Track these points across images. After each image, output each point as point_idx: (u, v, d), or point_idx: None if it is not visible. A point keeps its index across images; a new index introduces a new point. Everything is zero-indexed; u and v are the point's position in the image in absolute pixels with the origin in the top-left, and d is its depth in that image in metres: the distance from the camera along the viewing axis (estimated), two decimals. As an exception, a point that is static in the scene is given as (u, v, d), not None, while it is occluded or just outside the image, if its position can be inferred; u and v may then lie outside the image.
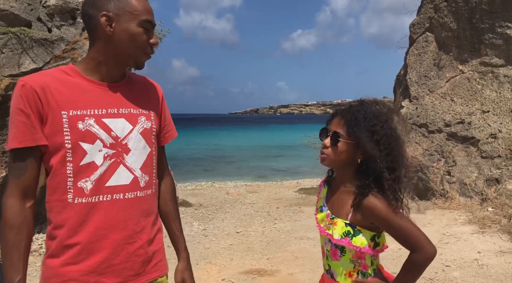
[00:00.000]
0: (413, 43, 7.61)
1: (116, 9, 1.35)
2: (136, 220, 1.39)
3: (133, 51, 1.37)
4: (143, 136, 1.42)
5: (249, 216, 6.91)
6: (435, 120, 6.95)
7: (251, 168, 19.95)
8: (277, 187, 11.14)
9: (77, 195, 1.30)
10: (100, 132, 1.33)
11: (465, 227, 5.35)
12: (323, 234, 1.51)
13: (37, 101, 1.28)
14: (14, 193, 1.30)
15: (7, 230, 1.28)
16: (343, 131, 1.46)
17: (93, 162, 1.32)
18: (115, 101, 1.39)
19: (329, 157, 1.48)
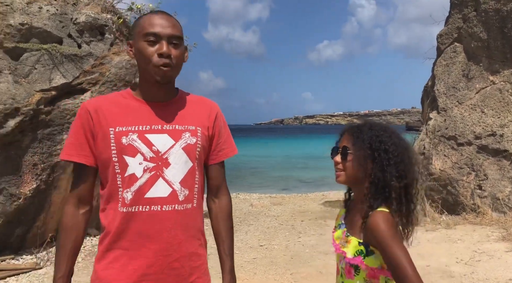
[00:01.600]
0: (440, 54, 7.45)
1: (134, 34, 1.51)
2: (173, 233, 1.44)
3: (145, 66, 1.45)
4: (186, 151, 1.48)
5: (273, 229, 6.86)
6: (464, 133, 6.75)
7: (276, 179, 19.86)
8: (302, 199, 11.02)
9: (122, 204, 1.42)
10: (141, 147, 1.43)
11: (499, 244, 5.14)
12: (338, 252, 1.49)
13: (90, 120, 1.45)
14: (70, 200, 1.47)
15: (62, 232, 1.46)
16: (350, 145, 1.46)
17: (133, 174, 1.42)
18: (161, 119, 1.48)
19: (342, 173, 1.48)
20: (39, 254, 5.02)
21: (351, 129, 1.51)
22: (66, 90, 5.25)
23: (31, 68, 5.08)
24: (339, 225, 1.57)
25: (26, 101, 4.84)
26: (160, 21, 1.45)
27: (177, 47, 1.47)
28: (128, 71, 5.64)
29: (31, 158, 4.93)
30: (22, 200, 4.85)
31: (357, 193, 1.52)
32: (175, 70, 1.48)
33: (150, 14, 1.50)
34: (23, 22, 5.12)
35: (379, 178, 1.41)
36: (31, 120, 4.89)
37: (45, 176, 5.03)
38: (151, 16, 1.48)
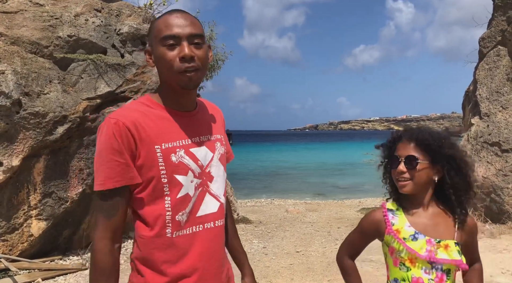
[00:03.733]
0: (483, 58, 7.23)
1: (151, 40, 1.34)
2: (221, 246, 1.40)
3: (168, 73, 1.29)
4: (221, 162, 1.42)
5: (309, 235, 6.84)
6: (509, 139, 6.51)
7: (311, 185, 19.73)
8: (337, 206, 10.92)
9: (175, 229, 1.29)
10: (190, 163, 1.31)
11: (547, 255, 4.92)
12: (428, 261, 1.47)
13: (130, 137, 1.25)
14: (105, 235, 1.26)
15: (98, 275, 1.25)
16: (417, 154, 1.50)
17: (187, 194, 1.30)
18: (195, 130, 1.37)
19: (409, 182, 1.51)
20: (85, 255, 5.24)
21: (411, 138, 1.53)
22: (110, 98, 5.50)
23: (78, 78, 5.36)
24: (413, 236, 1.51)
25: (74, 109, 5.09)
26: (176, 20, 1.28)
27: (199, 47, 1.29)
28: (168, 79, 5.84)
29: (78, 163, 5.19)
30: (69, 203, 5.10)
31: (422, 198, 1.55)
32: (200, 73, 1.31)
33: (167, 14, 1.32)
34: (71, 34, 5.41)
35: (458, 183, 1.51)
36: (78, 127, 5.14)
37: (90, 181, 5.26)
38: (166, 17, 1.31)
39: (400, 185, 1.52)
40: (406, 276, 1.50)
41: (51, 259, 5.13)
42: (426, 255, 1.46)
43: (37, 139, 4.82)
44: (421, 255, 1.46)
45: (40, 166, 4.94)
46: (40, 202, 4.93)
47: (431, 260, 1.46)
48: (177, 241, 1.29)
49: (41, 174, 4.95)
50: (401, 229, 1.53)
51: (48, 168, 4.98)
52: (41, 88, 4.95)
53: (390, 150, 1.59)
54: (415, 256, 1.47)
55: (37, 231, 4.95)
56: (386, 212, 1.59)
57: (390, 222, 1.56)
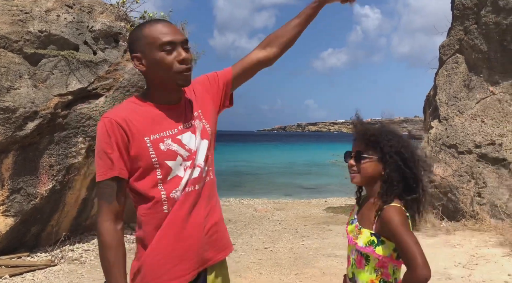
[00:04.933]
0: (442, 65, 7.66)
1: (141, 47, 1.52)
2: (204, 203, 1.58)
3: (166, 75, 1.49)
4: (203, 136, 1.59)
5: (277, 233, 7.03)
6: (464, 141, 6.94)
7: (279, 185, 20.02)
8: (304, 205, 11.20)
9: (171, 205, 1.50)
10: (178, 149, 1.51)
11: (496, 249, 5.31)
12: (351, 243, 1.68)
13: (122, 132, 1.46)
14: (108, 217, 1.46)
15: (107, 251, 1.45)
16: (363, 149, 1.66)
17: (177, 175, 1.51)
18: (181, 119, 1.56)
19: (357, 174, 1.67)
20: (53, 252, 5.22)
21: (362, 135, 1.69)
22: (82, 95, 5.49)
23: (49, 74, 5.32)
24: (352, 220, 1.75)
25: (45, 105, 5.07)
26: (169, 29, 1.50)
27: (188, 50, 1.53)
28: (141, 77, 5.86)
29: (48, 159, 5.16)
30: (38, 199, 5.06)
31: (369, 191, 1.71)
32: (191, 72, 1.55)
33: (154, 24, 1.52)
34: (42, 29, 5.36)
35: (392, 177, 1.60)
36: (49, 123, 5.12)
37: (60, 177, 5.24)
38: (157, 26, 1.50)
39: (350, 177, 1.69)
40: (347, 252, 1.73)
41: (18, 255, 5.08)
42: (350, 237, 1.69)
43: (6, 135, 4.77)
44: (349, 237, 1.70)
45: (9, 162, 4.89)
46: (8, 198, 4.88)
47: (349, 243, 1.69)
48: (171, 215, 1.49)
49: (10, 169, 4.90)
50: (352, 213, 1.79)
51: (17, 164, 4.93)
52: (11, 83, 4.90)
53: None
54: (347, 237, 1.72)
55: (4, 228, 4.90)
56: (358, 200, 1.81)
57: (354, 208, 1.81)
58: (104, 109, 5.42)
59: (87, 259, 5.25)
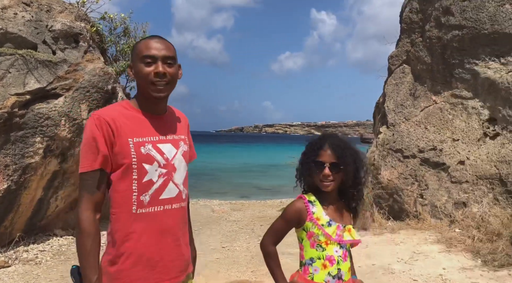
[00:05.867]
0: (391, 74, 8.19)
1: (132, 57, 1.73)
2: (181, 226, 1.74)
3: (143, 84, 1.66)
4: (183, 157, 1.77)
5: (234, 233, 7.25)
6: (410, 146, 7.47)
7: (235, 186, 20.22)
8: (260, 206, 11.49)
9: (139, 207, 1.62)
10: (156, 155, 1.65)
11: (434, 246, 5.80)
12: (338, 242, 1.90)
13: (109, 130, 1.59)
14: (88, 207, 1.58)
15: (85, 238, 1.55)
16: (339, 161, 1.90)
17: (151, 180, 1.64)
18: (163, 130, 1.72)
19: (333, 183, 1.91)
20: (7, 253, 5.14)
21: (333, 146, 1.92)
22: (40, 94, 5.44)
23: (5, 72, 5.25)
24: (327, 222, 1.91)
25: (1, 104, 4.99)
26: (155, 44, 1.66)
27: (171, 66, 1.67)
28: (101, 78, 5.89)
29: (3, 159, 5.08)
30: (-8, 199, 4.98)
31: (333, 193, 1.97)
32: (170, 86, 1.70)
33: (147, 39, 1.70)
34: (-1, 27, 5.28)
35: (359, 183, 1.96)
36: (5, 123, 5.05)
37: (16, 177, 5.18)
38: (148, 40, 1.68)
39: (324, 185, 1.90)
40: (321, 255, 1.88)
41: (-30, 257, 4.97)
42: (337, 238, 1.89)
43: (-41, 134, 4.67)
44: (333, 238, 1.89)
45: (-38, 161, 4.78)
46: (-40, 199, 4.77)
47: (340, 241, 1.90)
48: (140, 217, 1.62)
49: (-37, 169, 4.79)
50: (320, 217, 1.90)
51: (-29, 164, 4.83)
52: (-34, 81, 4.80)
53: (313, 156, 1.94)
54: (330, 239, 1.88)
55: (-45, 229, 4.78)
56: (307, 202, 1.94)
57: (311, 211, 1.91)
58: (64, 109, 5.41)
59: (43, 259, 5.22)
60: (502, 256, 5.05)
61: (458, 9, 7.03)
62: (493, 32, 6.66)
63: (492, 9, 6.69)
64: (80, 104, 5.59)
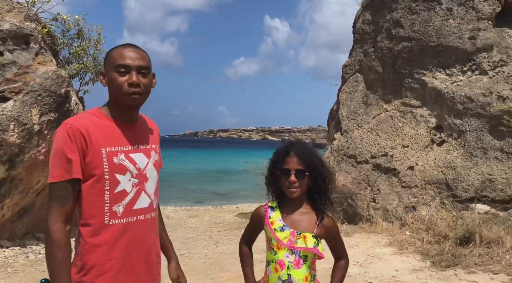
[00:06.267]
0: (345, 82, 8.47)
1: (105, 65, 1.69)
2: (153, 235, 1.74)
3: (117, 94, 1.64)
4: (155, 167, 1.76)
5: (191, 239, 7.17)
6: (362, 152, 7.75)
7: (190, 192, 19.98)
8: (217, 212, 11.45)
9: (112, 217, 1.60)
10: (129, 165, 1.64)
11: (386, 248, 6.05)
12: (289, 247, 1.92)
13: (82, 139, 1.55)
14: (59, 218, 1.54)
15: (57, 250, 1.51)
16: (304, 168, 1.94)
17: (124, 190, 1.62)
18: (135, 139, 1.70)
19: (299, 189, 1.94)
20: None
21: (300, 155, 1.96)
22: (-14, 98, 5.15)
23: None
24: (280, 227, 1.97)
25: None
26: (130, 53, 1.63)
27: (145, 76, 1.65)
28: (54, 81, 5.66)
29: None
30: None
31: (298, 200, 1.99)
32: (144, 96, 1.68)
33: (121, 47, 1.66)
34: None
35: (324, 190, 1.99)
36: None
37: (-42, 186, 4.85)
38: (121, 49, 1.65)
39: (291, 192, 1.95)
40: (274, 258, 1.95)
41: None
42: (288, 243, 1.93)
43: None
44: (284, 243, 1.93)
45: None
46: None
47: (290, 247, 1.93)
48: (113, 228, 1.60)
49: None
50: (274, 222, 2.00)
51: None
52: None
53: (280, 163, 2.00)
54: (280, 243, 1.94)
55: None
56: (267, 208, 2.05)
57: (268, 216, 2.02)
58: (13, 113, 5.13)
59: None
60: (448, 256, 5.35)
61: (407, 22, 7.41)
62: (439, 45, 7.08)
63: (438, 23, 7.12)
64: (31, 109, 5.33)
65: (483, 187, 6.29)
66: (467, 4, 6.96)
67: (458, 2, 7.03)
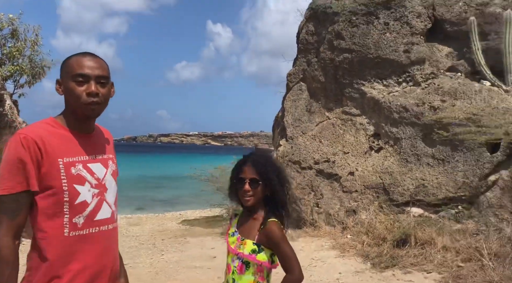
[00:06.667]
0: (289, 90, 8.68)
1: (62, 74, 1.64)
2: (115, 246, 1.70)
3: (74, 103, 1.60)
4: (113, 176, 1.74)
5: (134, 249, 6.96)
6: (306, 158, 7.98)
7: (131, 199, 19.32)
8: (159, 219, 11.21)
9: (72, 229, 1.55)
10: (87, 176, 1.60)
11: (329, 252, 6.26)
12: (233, 253, 1.98)
13: (37, 149, 1.50)
14: (8, 232, 1.47)
15: (4, 266, 1.45)
16: (258, 177, 1.98)
17: (85, 201, 1.58)
18: (92, 149, 1.67)
19: (252, 198, 1.98)
20: None
21: (255, 164, 2.00)
22: None
23: None
24: (232, 233, 2.06)
25: None
26: (88, 63, 1.60)
27: (104, 86, 1.63)
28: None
29: None
30: None
31: (253, 208, 2.03)
32: (102, 106, 1.66)
33: (79, 56, 1.63)
34: None
35: (275, 198, 2.01)
36: None
37: None
38: (80, 58, 1.62)
39: (245, 200, 2.00)
40: (226, 261, 2.04)
41: None
42: (233, 248, 2.00)
43: None
44: (230, 247, 2.01)
45: None
46: None
47: (234, 252, 1.99)
48: (73, 240, 1.55)
49: None
50: (231, 227, 2.09)
51: None
52: None
53: (237, 172, 2.05)
54: (228, 247, 2.03)
55: None
56: (233, 215, 2.16)
57: (231, 222, 2.13)
58: None
59: None
60: (387, 258, 5.65)
61: (348, 34, 7.77)
62: (377, 57, 7.49)
63: (376, 37, 7.53)
64: (-42, 112, 4.92)
65: (417, 191, 6.71)
66: (402, 19, 7.43)
67: (394, 17, 7.48)
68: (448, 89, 6.85)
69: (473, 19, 6.87)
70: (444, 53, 7.34)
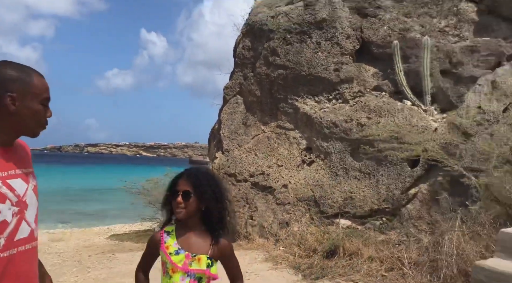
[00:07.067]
0: (226, 103, 8.75)
1: (20, 90, 1.53)
2: (35, 267, 1.60)
3: (34, 125, 1.59)
4: (34, 192, 1.63)
5: (57, 266, 6.53)
6: (242, 171, 8.05)
7: (53, 213, 18.13)
8: (85, 234, 10.64)
9: None
10: (7, 193, 1.48)
11: (263, 264, 6.33)
12: (183, 271, 1.94)
13: None
14: None
15: None
16: (191, 189, 1.98)
17: (5, 220, 1.46)
18: (13, 164, 1.56)
19: (184, 210, 1.96)
20: None
21: (189, 176, 2.01)
22: None
23: None
24: (175, 251, 1.98)
25: None
26: (47, 85, 1.63)
27: None
28: None
29: None
30: None
31: (191, 222, 2.02)
32: None
33: (41, 78, 1.60)
34: None
35: (214, 215, 2.01)
36: None
37: None
38: (43, 80, 1.61)
39: (176, 212, 1.99)
40: (169, 282, 1.96)
41: None
42: (182, 266, 1.96)
43: None
44: (178, 266, 1.96)
45: None
46: None
47: (185, 270, 1.96)
48: None
49: None
50: (169, 246, 2.01)
51: None
52: None
53: (172, 185, 2.04)
54: (175, 267, 1.96)
55: None
56: (163, 233, 2.06)
57: (164, 241, 2.03)
58: None
59: None
60: (317, 269, 5.83)
61: (283, 51, 8.03)
62: (310, 74, 7.81)
63: (309, 55, 7.86)
64: None
65: (345, 203, 7.04)
66: (332, 39, 7.83)
67: (325, 37, 7.86)
68: (374, 107, 7.30)
69: (396, 43, 7.43)
70: (371, 73, 7.83)
